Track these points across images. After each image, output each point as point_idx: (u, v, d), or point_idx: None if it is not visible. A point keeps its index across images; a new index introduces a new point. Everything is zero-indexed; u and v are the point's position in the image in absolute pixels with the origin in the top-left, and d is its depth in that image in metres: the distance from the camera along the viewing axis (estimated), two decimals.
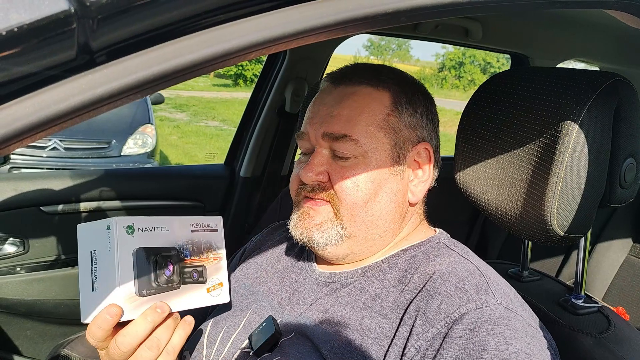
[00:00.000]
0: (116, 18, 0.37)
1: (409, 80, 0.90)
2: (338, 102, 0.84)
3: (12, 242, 1.65)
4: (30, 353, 1.73)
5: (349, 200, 0.81)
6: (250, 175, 2.04)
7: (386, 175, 0.83)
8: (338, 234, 0.82)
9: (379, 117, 0.83)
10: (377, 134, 0.82)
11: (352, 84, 0.86)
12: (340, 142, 0.82)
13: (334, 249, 0.84)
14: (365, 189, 0.81)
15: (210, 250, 0.81)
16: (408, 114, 0.85)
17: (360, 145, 0.81)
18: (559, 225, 0.79)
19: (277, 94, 1.96)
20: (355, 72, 0.88)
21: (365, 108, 0.83)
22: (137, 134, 5.12)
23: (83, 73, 0.37)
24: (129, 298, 0.69)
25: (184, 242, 0.77)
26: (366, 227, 0.83)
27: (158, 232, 0.74)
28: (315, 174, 0.83)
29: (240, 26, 0.43)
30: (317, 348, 0.76)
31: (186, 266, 0.77)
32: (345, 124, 0.82)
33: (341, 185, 0.81)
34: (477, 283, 0.73)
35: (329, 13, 0.44)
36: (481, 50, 2.34)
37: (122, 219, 0.71)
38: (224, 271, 0.83)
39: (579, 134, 0.75)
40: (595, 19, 1.66)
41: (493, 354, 0.63)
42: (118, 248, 0.69)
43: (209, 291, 0.80)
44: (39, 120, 0.36)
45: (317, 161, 0.84)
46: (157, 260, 0.73)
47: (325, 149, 0.84)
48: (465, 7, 0.50)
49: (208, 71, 0.46)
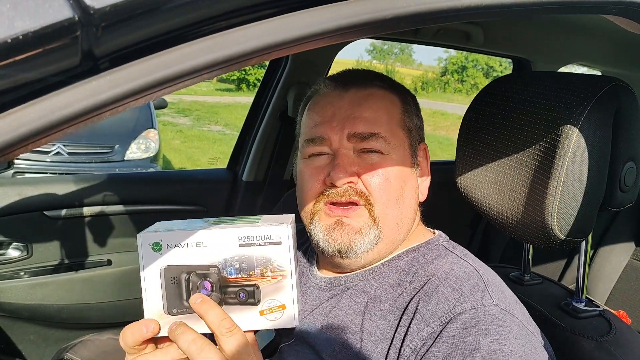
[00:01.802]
0: (119, 25, 0.38)
1: (403, 86, 0.93)
2: (357, 105, 0.84)
3: (15, 247, 1.65)
4: (34, 357, 1.74)
5: (384, 197, 0.80)
6: (252, 180, 2.05)
7: (408, 172, 0.84)
8: (376, 238, 0.80)
9: (397, 117, 0.86)
10: (399, 133, 0.85)
11: (365, 87, 0.86)
12: (369, 140, 0.81)
13: (366, 255, 0.81)
14: (396, 185, 0.82)
15: (268, 267, 0.68)
16: (415, 115, 0.89)
17: (389, 142, 0.82)
18: (560, 229, 0.79)
19: (279, 98, 1.96)
20: (362, 76, 0.89)
21: (386, 109, 0.85)
22: (140, 139, 5.13)
23: (87, 79, 0.38)
24: (159, 316, 0.68)
25: (227, 259, 0.68)
26: (397, 226, 0.83)
27: (193, 248, 0.68)
28: (349, 174, 0.80)
29: (242, 33, 0.43)
30: (318, 352, 0.76)
31: (230, 285, 0.68)
32: (371, 123, 0.82)
33: (376, 183, 0.80)
34: (474, 284, 0.73)
35: (329, 19, 0.45)
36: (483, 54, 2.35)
37: (150, 235, 0.68)
38: (288, 291, 0.69)
39: (579, 137, 0.75)
40: (596, 24, 1.66)
41: (485, 353, 0.63)
42: (144, 265, 0.68)
43: (263, 314, 0.69)
44: (43, 126, 0.37)
45: (346, 161, 0.81)
46: (190, 278, 0.68)
47: (350, 150, 0.82)
48: (464, 13, 0.50)
49: (210, 77, 0.46)
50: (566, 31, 1.86)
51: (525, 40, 2.04)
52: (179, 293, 0.68)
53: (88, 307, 1.75)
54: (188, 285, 0.68)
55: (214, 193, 2.01)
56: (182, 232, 0.68)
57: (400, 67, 35.33)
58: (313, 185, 0.83)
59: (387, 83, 0.89)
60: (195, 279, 0.68)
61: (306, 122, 0.89)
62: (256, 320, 0.69)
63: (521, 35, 2.00)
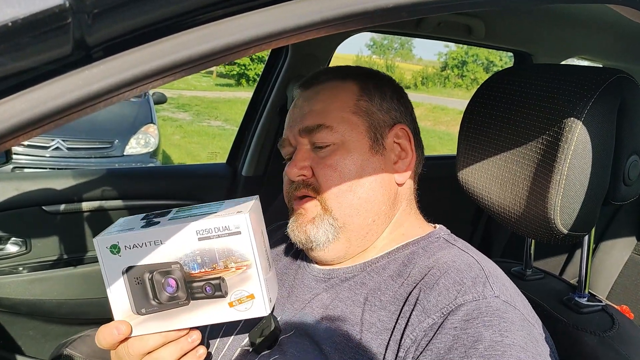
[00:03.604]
0: (112, 13, 0.36)
1: (374, 72, 0.94)
2: (309, 101, 0.88)
3: (14, 242, 1.65)
4: (33, 353, 1.73)
5: (334, 188, 0.82)
6: (252, 175, 2.04)
7: (367, 156, 0.85)
8: (332, 227, 0.83)
9: (350, 104, 0.86)
10: (351, 118, 0.85)
11: (319, 83, 0.90)
12: (316, 133, 0.84)
13: (332, 246, 0.83)
14: (348, 173, 0.83)
15: (230, 259, 0.67)
16: (378, 97, 0.89)
17: (336, 131, 0.84)
18: (563, 223, 0.78)
19: (279, 93, 1.95)
20: (321, 73, 0.93)
21: (335, 98, 0.87)
22: (139, 134, 5.12)
23: (79, 69, 0.37)
24: (129, 316, 0.68)
25: (188, 254, 0.67)
26: (357, 212, 0.83)
27: (151, 246, 0.67)
28: (299, 168, 0.84)
29: (239, 21, 0.42)
30: (318, 344, 0.75)
31: (195, 280, 0.68)
32: (318, 115, 0.85)
33: (324, 174, 0.83)
34: (475, 276, 0.73)
35: (329, 8, 0.44)
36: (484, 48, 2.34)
37: (105, 238, 0.67)
38: (255, 281, 0.68)
39: (582, 131, 0.74)
40: (598, 16, 1.65)
41: (487, 345, 0.63)
42: (105, 269, 0.68)
43: (233, 305, 0.68)
44: (34, 117, 0.36)
45: (299, 156, 0.86)
46: (153, 277, 0.67)
47: (306, 145, 0.86)
48: (466, 3, 0.49)
49: (207, 67, 0.45)
50: (568, 24, 1.85)
51: (526, 33, 2.02)
52: (144, 293, 0.68)
53: (87, 303, 1.74)
54: (153, 284, 0.67)
55: (213, 188, 2.00)
56: (139, 231, 0.67)
57: (400, 62, 35.28)
58: (285, 186, 0.90)
59: (345, 73, 0.91)
60: (159, 277, 0.67)
61: None
62: (226, 312, 0.69)
63: (523, 29, 1.98)
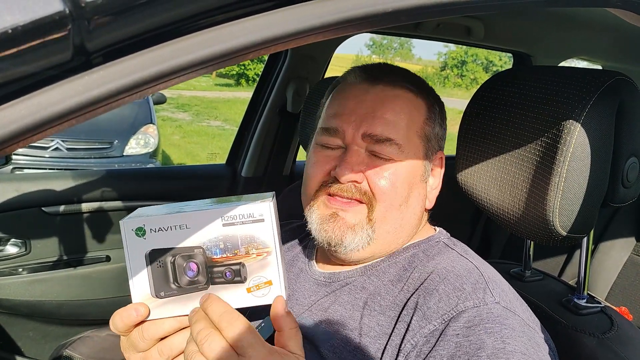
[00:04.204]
0: (112, 19, 0.37)
1: (434, 92, 0.92)
2: (380, 104, 0.83)
3: (14, 243, 1.65)
4: (33, 354, 1.73)
5: (387, 200, 0.80)
6: (251, 175, 2.04)
7: (417, 180, 0.84)
8: (368, 238, 0.80)
9: (418, 125, 0.84)
10: (415, 140, 0.84)
11: (394, 87, 0.85)
12: (383, 144, 0.81)
13: (358, 253, 0.82)
14: (402, 191, 0.81)
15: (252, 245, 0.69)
16: (438, 125, 0.88)
17: (402, 150, 0.82)
18: (561, 225, 0.79)
19: (279, 93, 1.95)
20: (393, 73, 0.88)
21: (408, 114, 0.84)
22: (139, 134, 5.12)
23: (79, 75, 0.37)
24: (147, 299, 0.69)
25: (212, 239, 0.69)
26: (394, 231, 0.83)
27: (176, 230, 0.68)
28: (355, 172, 0.80)
29: (238, 26, 0.42)
30: (317, 347, 0.75)
31: (216, 265, 0.69)
32: (389, 127, 0.81)
33: (380, 183, 0.80)
34: (475, 282, 0.73)
35: (328, 13, 0.44)
36: (483, 49, 2.34)
37: (132, 220, 0.68)
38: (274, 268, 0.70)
39: (581, 133, 0.74)
40: (597, 18, 1.65)
41: (489, 352, 0.63)
42: (129, 251, 0.68)
43: (250, 291, 0.70)
44: (35, 122, 0.36)
45: (355, 160, 0.81)
46: (175, 261, 0.69)
47: (362, 148, 0.82)
48: (465, 7, 0.49)
49: (206, 72, 0.45)
50: (567, 25, 1.85)
51: (525, 34, 2.02)
52: (165, 276, 0.69)
53: (87, 304, 1.74)
54: (174, 267, 0.69)
55: (213, 188, 2.01)
56: (165, 216, 0.69)
57: (399, 61, 35.27)
58: (318, 174, 0.84)
59: (417, 86, 0.87)
60: (181, 261, 0.69)
61: (327, 108, 0.89)
62: (244, 298, 0.70)
63: (522, 30, 1.99)
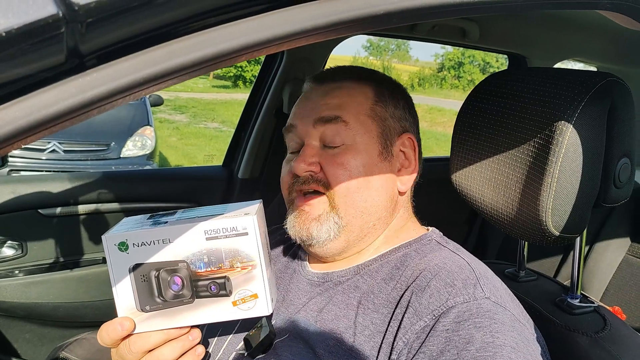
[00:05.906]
0: (105, 22, 0.37)
1: (387, 78, 0.95)
2: (326, 95, 0.88)
3: (10, 245, 1.65)
4: (29, 356, 1.73)
5: (343, 186, 0.83)
6: (248, 177, 2.04)
7: (376, 161, 0.85)
8: (336, 225, 0.83)
9: (366, 106, 0.87)
10: (366, 121, 0.86)
11: (336, 81, 0.90)
12: (331, 124, 0.84)
13: (332, 244, 0.84)
14: (357, 174, 0.83)
15: (236, 259, 0.69)
16: (392, 105, 0.90)
17: (351, 128, 0.84)
18: (554, 225, 0.79)
19: (275, 95, 1.96)
20: (337, 72, 0.94)
21: (353, 98, 0.87)
22: (136, 136, 5.12)
23: (73, 77, 0.37)
24: (133, 313, 0.69)
25: (196, 253, 0.68)
26: (361, 214, 0.84)
27: (159, 244, 0.68)
28: (308, 164, 0.84)
29: (231, 29, 0.43)
30: (312, 348, 0.76)
31: (200, 279, 0.69)
32: (335, 108, 0.86)
33: (334, 172, 0.83)
34: (466, 277, 0.73)
35: (319, 15, 0.44)
36: (479, 50, 2.35)
37: (113, 235, 0.68)
38: (259, 281, 0.70)
39: (573, 134, 0.75)
40: (592, 19, 1.66)
41: (478, 346, 0.63)
42: (112, 266, 0.68)
43: (236, 304, 0.70)
44: (28, 124, 0.36)
45: (308, 152, 0.85)
46: (159, 275, 0.69)
47: (315, 141, 0.86)
48: (457, 9, 0.50)
49: (200, 73, 0.46)
50: (562, 27, 1.86)
51: (520, 36, 2.03)
52: (150, 290, 0.69)
53: (83, 306, 1.74)
54: (159, 281, 0.69)
55: (209, 190, 2.01)
56: (148, 230, 0.68)
57: (397, 63, 35.30)
58: (285, 176, 0.90)
59: (360, 76, 0.92)
60: (165, 275, 0.69)
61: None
62: (230, 311, 0.70)
63: (517, 32, 2.00)
